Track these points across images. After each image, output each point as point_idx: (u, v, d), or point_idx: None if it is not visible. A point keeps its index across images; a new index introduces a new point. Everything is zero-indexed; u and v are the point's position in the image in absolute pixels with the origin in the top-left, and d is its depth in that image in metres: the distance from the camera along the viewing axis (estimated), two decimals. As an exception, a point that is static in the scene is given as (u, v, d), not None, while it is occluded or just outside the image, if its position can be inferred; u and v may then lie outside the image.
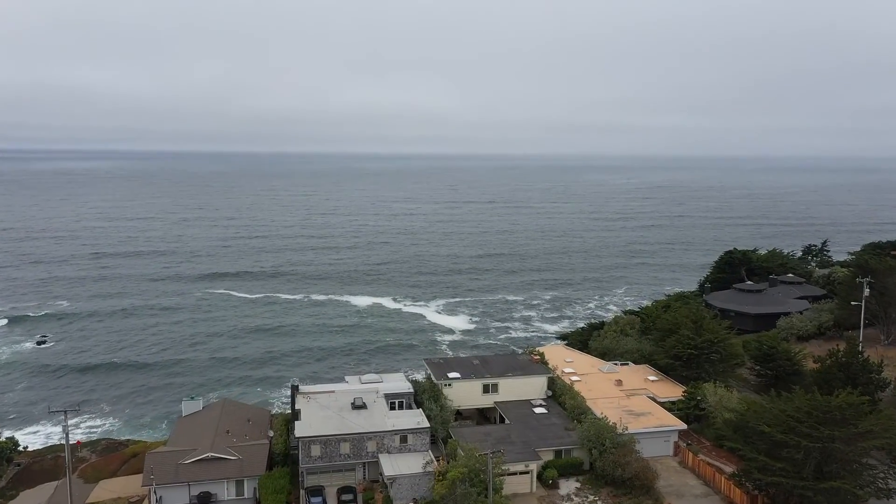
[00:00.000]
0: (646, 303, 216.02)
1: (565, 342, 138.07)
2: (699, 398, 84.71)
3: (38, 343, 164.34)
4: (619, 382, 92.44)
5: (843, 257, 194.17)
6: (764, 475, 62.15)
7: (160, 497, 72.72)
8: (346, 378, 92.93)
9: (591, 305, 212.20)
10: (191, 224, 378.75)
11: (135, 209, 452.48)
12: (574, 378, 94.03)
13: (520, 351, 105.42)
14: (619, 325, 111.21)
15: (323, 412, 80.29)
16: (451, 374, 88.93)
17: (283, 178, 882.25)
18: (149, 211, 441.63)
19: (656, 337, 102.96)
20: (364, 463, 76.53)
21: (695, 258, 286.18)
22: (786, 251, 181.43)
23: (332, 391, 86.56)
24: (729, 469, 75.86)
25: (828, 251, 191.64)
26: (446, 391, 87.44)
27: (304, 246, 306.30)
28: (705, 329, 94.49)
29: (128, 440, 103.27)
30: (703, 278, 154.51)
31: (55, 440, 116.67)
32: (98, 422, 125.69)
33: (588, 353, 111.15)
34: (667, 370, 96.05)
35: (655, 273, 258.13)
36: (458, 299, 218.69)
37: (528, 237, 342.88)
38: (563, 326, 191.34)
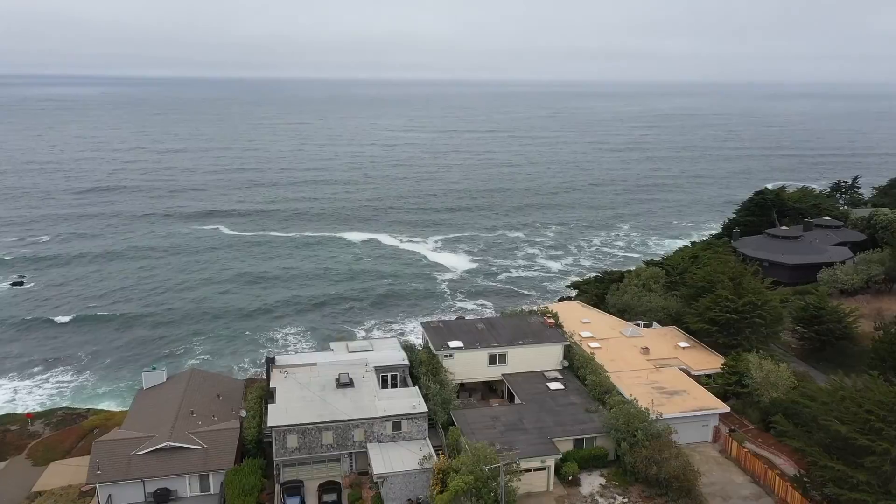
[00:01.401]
0: (654, 240, 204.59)
1: (576, 291, 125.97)
2: (742, 373, 72.55)
3: (14, 284, 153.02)
4: (646, 350, 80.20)
5: (869, 194, 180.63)
6: (841, 488, 50.21)
7: (109, 496, 61.34)
8: (332, 345, 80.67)
9: (596, 242, 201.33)
10: (180, 155, 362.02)
11: (123, 139, 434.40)
12: (593, 345, 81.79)
13: (529, 310, 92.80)
14: (641, 279, 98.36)
15: (302, 392, 68.23)
16: (453, 343, 76.59)
17: (277, 106, 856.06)
18: (137, 141, 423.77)
19: (685, 294, 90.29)
20: (351, 454, 65.01)
21: (706, 193, 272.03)
22: (810, 187, 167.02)
23: (314, 363, 74.38)
24: (780, 461, 64.38)
25: (859, 188, 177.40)
26: (447, 363, 75.34)
27: (298, 179, 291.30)
28: (745, 288, 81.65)
29: (88, 410, 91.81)
30: (727, 219, 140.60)
31: (12, 403, 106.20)
32: (60, 384, 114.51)
33: (605, 310, 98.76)
34: (699, 335, 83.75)
35: (662, 208, 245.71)
36: (457, 235, 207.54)
37: (529, 170, 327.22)
38: (568, 265, 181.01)
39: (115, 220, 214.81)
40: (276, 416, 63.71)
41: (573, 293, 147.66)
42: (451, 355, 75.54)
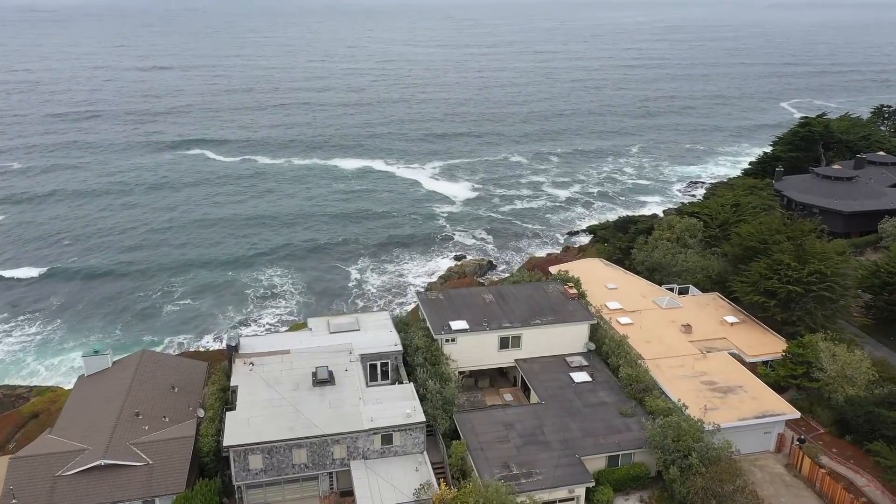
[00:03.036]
0: (666, 166, 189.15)
1: (591, 236, 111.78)
2: (811, 362, 59.22)
3: None
4: (688, 329, 66.64)
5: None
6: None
7: (28, 531, 49.07)
8: (310, 323, 66.91)
9: (605, 169, 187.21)
10: (166, 74, 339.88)
11: (106, 55, 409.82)
12: (623, 320, 68.19)
13: (535, 271, 78.85)
14: (675, 232, 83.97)
15: (269, 393, 55.02)
16: (456, 324, 62.88)
17: (268, 17, 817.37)
18: (121, 58, 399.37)
19: (730, 254, 76.14)
20: (331, 472, 52.42)
21: (721, 113, 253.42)
22: (853, 114, 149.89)
23: (288, 352, 60.94)
24: (863, 482, 51.81)
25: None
26: (448, 348, 61.94)
27: (289, 101, 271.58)
28: (810, 252, 67.40)
29: (31, 388, 79.22)
30: (763, 153, 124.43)
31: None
32: (24, 338, 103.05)
33: (631, 268, 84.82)
34: (750, 307, 70.09)
35: (674, 131, 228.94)
36: (456, 161, 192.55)
37: (531, 89, 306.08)
38: (576, 192, 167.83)
39: (93, 147, 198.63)
40: (235, 430, 50.68)
41: (585, 240, 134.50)
42: (453, 339, 62.07)
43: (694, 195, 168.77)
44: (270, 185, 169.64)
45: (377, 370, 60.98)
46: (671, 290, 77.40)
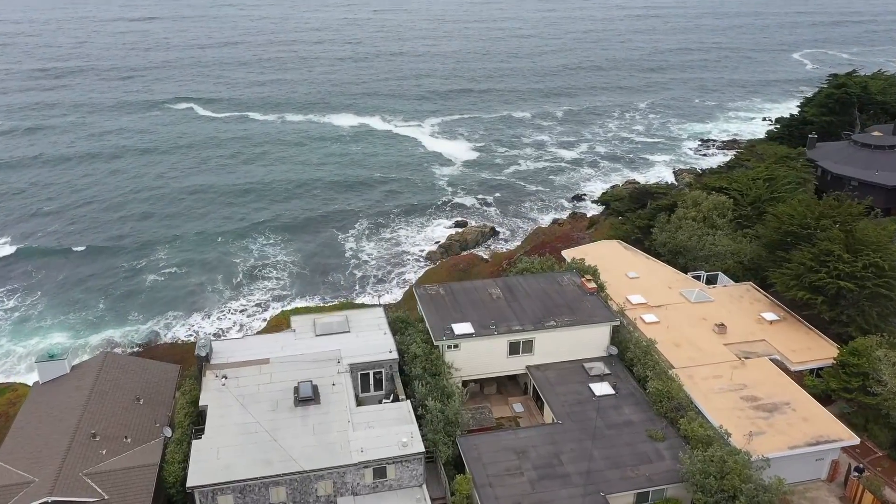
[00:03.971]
0: (675, 124, 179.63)
1: (608, 210, 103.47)
2: (868, 373, 51.49)
3: None
4: (722, 328, 58.75)
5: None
6: None
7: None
8: (293, 321, 58.82)
9: (611, 126, 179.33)
10: (153, 25, 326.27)
11: (88, 4, 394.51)
12: (648, 318, 60.29)
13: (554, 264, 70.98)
14: (701, 210, 75.39)
15: (243, 416, 47.44)
16: (459, 328, 54.97)
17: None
18: (104, 7, 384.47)
19: (765, 237, 67.85)
20: (314, 510, 45.21)
21: (729, 64, 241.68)
22: (885, 71, 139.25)
23: (267, 361, 53.20)
24: (933, 521, 44.60)
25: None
26: (451, 355, 54.18)
27: (284, 54, 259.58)
28: (861, 241, 59.07)
29: (-9, 387, 71.75)
30: (790, 114, 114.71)
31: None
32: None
33: (650, 249, 76.69)
34: (787, 299, 62.08)
35: (683, 86, 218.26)
36: (456, 117, 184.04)
37: (535, 42, 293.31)
38: (582, 153, 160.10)
39: (76, 107, 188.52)
40: (202, 466, 43.22)
41: (594, 207, 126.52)
42: (456, 345, 54.26)
43: (705, 154, 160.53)
44: (264, 146, 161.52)
45: (369, 380, 53.39)
46: (698, 277, 69.35)
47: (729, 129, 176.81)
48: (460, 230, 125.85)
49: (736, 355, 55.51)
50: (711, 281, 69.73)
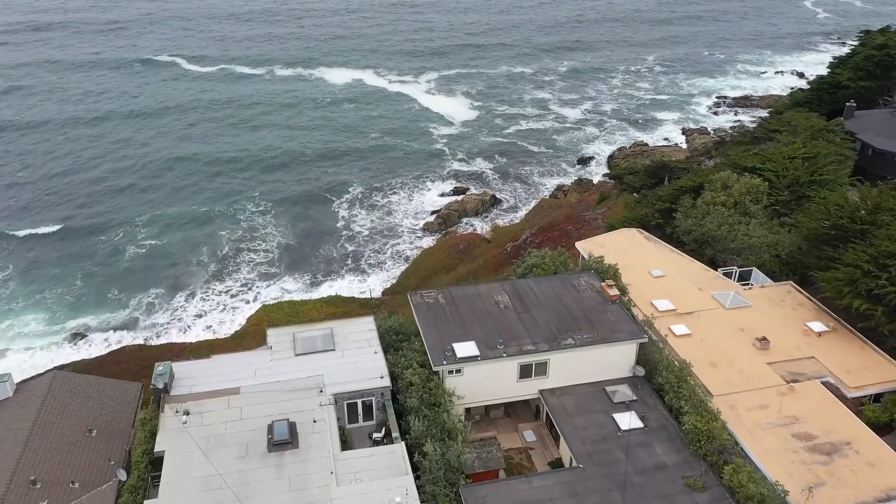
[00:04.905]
0: (683, 79, 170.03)
1: (621, 185, 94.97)
2: (940, 406, 44.03)
3: None
4: (765, 344, 50.91)
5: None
6: None
7: None
8: (269, 335, 50.80)
9: (616, 83, 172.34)
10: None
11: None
12: (678, 329, 52.43)
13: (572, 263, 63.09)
14: (732, 195, 66.92)
15: (206, 467, 39.82)
16: (462, 349, 46.97)
17: None
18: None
19: (809, 230, 59.60)
20: (290, 580, 38.00)
21: (740, 21, 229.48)
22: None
23: (237, 391, 45.41)
24: None
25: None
26: (451, 382, 46.45)
27: (269, 5, 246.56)
28: (924, 239, 50.94)
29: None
30: (818, 76, 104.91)
31: None
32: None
33: (672, 239, 68.57)
34: (833, 305, 54.20)
35: (690, 37, 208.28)
36: (454, 72, 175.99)
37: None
38: (587, 111, 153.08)
39: (55, 65, 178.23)
40: (152, 540, 35.83)
41: (599, 171, 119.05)
42: (459, 370, 46.49)
43: (716, 112, 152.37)
44: (253, 108, 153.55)
45: (357, 410, 45.81)
46: (729, 274, 61.34)
47: (740, 86, 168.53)
48: (459, 198, 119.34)
49: (783, 377, 47.87)
50: (744, 278, 61.76)
